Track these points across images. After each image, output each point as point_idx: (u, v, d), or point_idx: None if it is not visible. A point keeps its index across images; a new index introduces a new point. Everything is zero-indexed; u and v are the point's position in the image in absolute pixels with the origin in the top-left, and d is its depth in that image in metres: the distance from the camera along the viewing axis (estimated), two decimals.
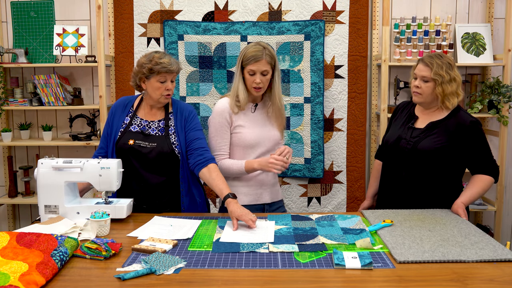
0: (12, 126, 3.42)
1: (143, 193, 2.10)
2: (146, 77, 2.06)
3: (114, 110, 2.19)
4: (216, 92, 3.20)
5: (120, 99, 2.26)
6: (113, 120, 2.17)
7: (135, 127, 2.12)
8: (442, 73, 1.98)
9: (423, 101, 2.06)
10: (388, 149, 2.18)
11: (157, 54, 2.07)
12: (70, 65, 3.18)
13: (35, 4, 3.28)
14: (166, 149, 2.07)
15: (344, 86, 3.20)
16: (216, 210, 3.30)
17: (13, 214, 3.47)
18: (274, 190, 2.30)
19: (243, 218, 1.76)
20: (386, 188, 2.19)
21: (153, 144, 2.07)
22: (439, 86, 2.00)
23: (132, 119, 2.14)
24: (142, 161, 2.07)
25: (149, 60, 2.04)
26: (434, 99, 2.05)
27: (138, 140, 2.08)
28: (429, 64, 2.01)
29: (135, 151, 2.06)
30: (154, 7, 3.18)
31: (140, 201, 2.10)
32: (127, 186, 2.10)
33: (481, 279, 1.32)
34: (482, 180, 2.01)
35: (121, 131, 2.12)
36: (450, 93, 2.00)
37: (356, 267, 1.39)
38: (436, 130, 2.02)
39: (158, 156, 2.07)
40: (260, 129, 2.20)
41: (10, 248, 1.43)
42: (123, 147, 2.08)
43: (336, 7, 3.16)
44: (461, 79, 2.04)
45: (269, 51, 2.11)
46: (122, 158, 2.05)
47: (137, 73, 2.09)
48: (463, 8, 3.28)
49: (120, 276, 1.32)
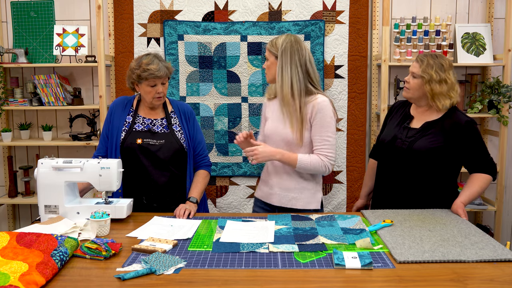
0: (12, 126, 3.42)
1: (153, 192, 2.12)
2: (137, 82, 2.09)
3: (113, 109, 2.19)
4: (216, 92, 3.20)
5: (118, 98, 2.26)
6: (113, 120, 2.17)
7: (139, 126, 2.13)
8: (431, 72, 2.01)
9: (411, 96, 2.10)
10: (383, 149, 2.18)
11: (145, 59, 2.06)
12: (70, 65, 3.18)
13: (35, 4, 3.28)
14: (175, 145, 2.12)
15: (344, 86, 3.20)
16: (216, 210, 3.30)
17: (13, 214, 3.47)
18: (285, 195, 2.11)
19: (175, 212, 1.96)
20: (381, 188, 2.19)
21: (161, 141, 2.11)
22: (427, 84, 2.02)
23: (134, 118, 2.15)
24: (152, 159, 2.10)
25: (138, 66, 2.06)
26: (422, 97, 2.06)
27: (146, 138, 2.10)
28: (419, 61, 2.06)
29: (144, 149, 2.08)
30: (154, 7, 3.18)
31: (150, 199, 2.12)
32: (135, 186, 2.11)
33: (481, 279, 1.32)
34: (480, 179, 2.01)
35: (125, 130, 2.12)
36: (439, 93, 2.01)
37: (356, 267, 1.39)
38: (431, 130, 2.03)
39: (168, 152, 2.10)
40: (275, 124, 2.11)
41: (10, 248, 1.43)
42: (131, 146, 2.08)
43: (336, 7, 3.16)
44: (454, 83, 2.03)
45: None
46: (130, 157, 2.07)
47: (129, 77, 2.13)
48: (463, 8, 3.28)
49: (120, 276, 1.32)
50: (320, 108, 2.01)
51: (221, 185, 3.30)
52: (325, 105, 2.01)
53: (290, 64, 2.02)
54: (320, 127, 2.02)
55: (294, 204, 2.09)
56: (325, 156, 2.02)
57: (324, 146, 2.02)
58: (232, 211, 3.30)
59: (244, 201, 3.29)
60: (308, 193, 2.10)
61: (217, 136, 3.24)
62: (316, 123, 2.02)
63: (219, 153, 3.25)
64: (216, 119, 3.23)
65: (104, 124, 2.21)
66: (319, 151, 2.03)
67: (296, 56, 2.01)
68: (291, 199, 2.09)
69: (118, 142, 2.11)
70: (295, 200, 2.09)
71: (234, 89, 3.19)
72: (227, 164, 3.26)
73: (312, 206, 2.10)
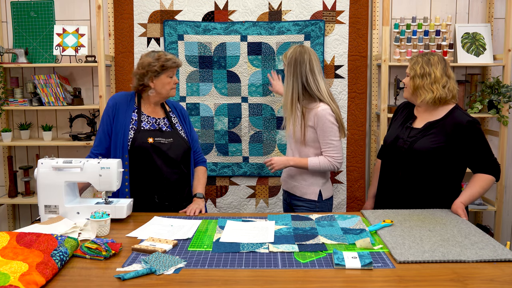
0: (12, 126, 3.42)
1: (165, 190, 2.14)
2: (155, 76, 2.11)
3: (118, 106, 2.15)
4: (216, 92, 3.20)
5: (117, 94, 2.22)
6: (117, 116, 2.13)
7: (146, 124, 2.14)
8: (415, 67, 2.04)
9: (407, 96, 2.13)
10: (386, 149, 2.19)
11: (158, 53, 2.15)
12: (70, 65, 3.18)
13: (35, 4, 3.28)
14: (182, 143, 2.18)
15: (344, 86, 3.20)
16: (216, 210, 3.30)
17: (13, 214, 3.47)
18: (290, 182, 2.41)
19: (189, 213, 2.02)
20: (384, 188, 2.20)
21: (169, 140, 2.14)
22: (411, 80, 2.06)
23: (139, 115, 2.15)
24: (163, 158, 2.11)
25: (157, 59, 2.11)
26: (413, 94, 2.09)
27: (157, 137, 2.12)
28: (410, 60, 2.10)
29: (156, 148, 2.10)
30: (154, 7, 3.18)
31: (162, 198, 2.14)
32: (147, 185, 2.12)
33: (481, 279, 1.32)
34: (482, 179, 2.00)
35: (133, 128, 2.11)
36: (419, 87, 2.02)
37: (356, 267, 1.39)
38: (433, 130, 2.02)
39: (179, 151, 2.15)
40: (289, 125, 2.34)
41: (10, 248, 1.43)
42: (143, 145, 2.08)
43: (336, 7, 3.16)
44: (439, 78, 2.00)
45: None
46: (141, 157, 2.08)
47: (146, 73, 2.12)
48: (463, 8, 3.28)
49: (120, 276, 1.33)
50: (320, 116, 2.23)
51: (221, 185, 3.30)
52: (325, 114, 2.23)
53: (292, 76, 2.27)
54: (323, 133, 2.25)
55: (295, 191, 2.38)
56: (331, 157, 2.26)
57: (329, 148, 2.26)
58: (232, 211, 3.30)
59: (244, 201, 3.29)
60: (305, 183, 2.35)
61: (217, 136, 3.24)
62: (319, 129, 2.25)
63: (219, 153, 3.25)
64: (216, 119, 3.23)
65: (104, 121, 2.14)
66: (326, 153, 2.27)
67: (298, 69, 2.26)
68: (292, 186, 2.39)
69: (125, 140, 2.08)
70: (296, 188, 2.37)
71: (234, 89, 3.19)
72: (227, 164, 3.26)
73: (308, 196, 2.33)
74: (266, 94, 3.19)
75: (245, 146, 3.24)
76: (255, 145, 3.23)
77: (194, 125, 3.24)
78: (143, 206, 2.09)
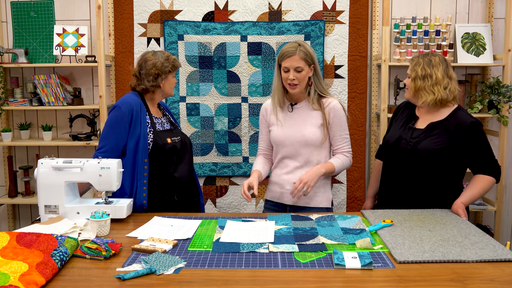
0: (12, 126, 3.42)
1: (183, 188, 2.16)
2: (168, 74, 2.15)
3: (134, 111, 2.04)
4: (216, 92, 3.20)
5: (128, 98, 2.10)
6: (135, 122, 2.04)
7: (159, 126, 2.16)
8: (417, 68, 2.04)
9: (408, 97, 2.13)
10: (388, 150, 2.18)
11: (163, 52, 2.19)
12: (70, 65, 3.18)
13: (35, 4, 3.28)
14: (187, 140, 2.23)
15: (344, 86, 3.20)
16: (216, 210, 3.30)
17: (13, 214, 3.47)
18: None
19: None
20: (386, 189, 2.19)
21: (178, 138, 2.17)
22: (412, 82, 2.05)
23: (151, 117, 2.14)
24: (179, 155, 2.14)
25: (166, 59, 2.13)
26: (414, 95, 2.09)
27: (172, 137, 2.14)
28: (411, 61, 2.09)
29: (174, 148, 2.12)
30: (154, 7, 3.18)
31: (180, 196, 2.14)
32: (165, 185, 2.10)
33: (481, 279, 1.32)
34: (482, 180, 2.00)
35: (151, 131, 2.08)
36: (421, 88, 2.01)
37: (356, 267, 1.39)
38: (436, 131, 2.02)
39: (188, 146, 2.20)
40: (289, 129, 2.14)
41: (10, 248, 1.43)
42: (164, 147, 2.08)
43: (336, 7, 3.16)
44: (441, 79, 1.99)
45: (304, 48, 2.06)
46: (161, 157, 2.08)
47: (160, 74, 2.12)
48: (463, 8, 3.28)
49: (120, 276, 1.32)
50: (337, 109, 2.14)
51: (221, 185, 3.30)
52: (340, 107, 2.16)
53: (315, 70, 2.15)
54: (340, 127, 2.15)
55: (308, 203, 2.14)
56: (348, 152, 2.19)
57: (345, 143, 2.18)
58: (232, 211, 3.30)
59: (244, 201, 3.29)
60: (319, 191, 2.16)
61: (217, 136, 3.24)
62: (336, 124, 2.14)
63: (219, 153, 3.25)
64: (216, 119, 3.23)
65: (118, 131, 2.03)
66: (342, 149, 2.17)
67: None
68: (305, 198, 2.14)
69: (146, 144, 2.04)
70: (309, 199, 2.14)
71: (234, 89, 3.19)
72: (227, 164, 3.26)
73: (323, 204, 2.17)
74: (266, 94, 3.19)
75: (245, 146, 3.24)
76: (255, 145, 3.23)
77: (194, 125, 3.25)
78: (161, 206, 2.08)
